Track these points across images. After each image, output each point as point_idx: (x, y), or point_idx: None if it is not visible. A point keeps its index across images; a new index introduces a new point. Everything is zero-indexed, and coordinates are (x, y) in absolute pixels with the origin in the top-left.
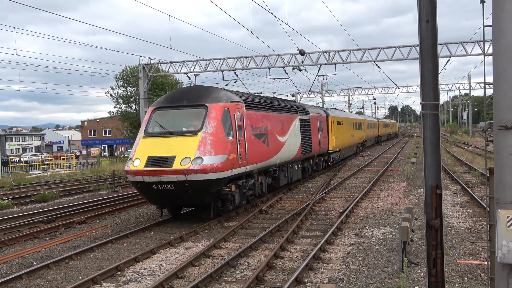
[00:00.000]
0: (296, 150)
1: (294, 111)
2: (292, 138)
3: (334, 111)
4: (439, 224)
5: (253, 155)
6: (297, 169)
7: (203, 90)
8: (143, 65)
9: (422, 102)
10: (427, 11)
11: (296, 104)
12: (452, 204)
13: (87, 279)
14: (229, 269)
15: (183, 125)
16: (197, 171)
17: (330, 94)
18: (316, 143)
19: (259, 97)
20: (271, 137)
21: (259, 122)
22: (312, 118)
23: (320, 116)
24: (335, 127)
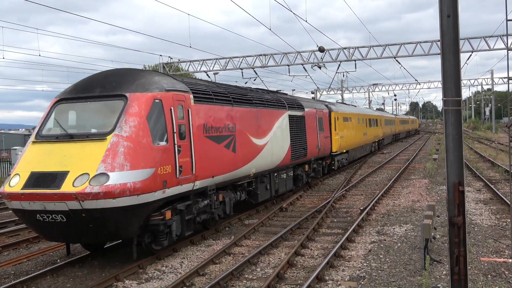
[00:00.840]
0: (283, 155)
1: (280, 106)
2: (277, 140)
3: (340, 105)
4: (462, 221)
5: (206, 165)
6: (286, 178)
7: (125, 74)
8: (163, 64)
9: (444, 98)
10: (449, 6)
11: (284, 96)
12: (475, 201)
13: (110, 277)
14: (249, 266)
15: (91, 124)
16: (97, 195)
17: (350, 91)
18: (314, 145)
19: (221, 86)
20: (240, 140)
21: (219, 119)
22: (308, 114)
23: (320, 111)
24: (340, 124)
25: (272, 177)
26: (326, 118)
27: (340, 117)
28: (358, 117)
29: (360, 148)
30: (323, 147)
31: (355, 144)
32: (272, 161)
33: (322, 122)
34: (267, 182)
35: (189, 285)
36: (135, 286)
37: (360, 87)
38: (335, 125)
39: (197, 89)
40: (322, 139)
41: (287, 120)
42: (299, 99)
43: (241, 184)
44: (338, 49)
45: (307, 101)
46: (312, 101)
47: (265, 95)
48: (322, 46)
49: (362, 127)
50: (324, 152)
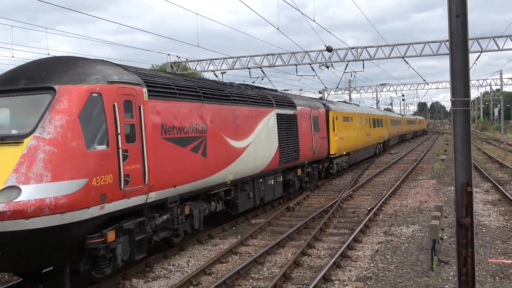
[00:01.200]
0: (270, 159)
1: (266, 103)
2: (262, 141)
3: (339, 104)
4: (470, 222)
5: (166, 173)
6: (273, 184)
7: (58, 63)
8: (170, 63)
9: (452, 99)
10: (458, 5)
11: (272, 93)
12: (483, 202)
13: (117, 275)
14: (256, 266)
15: (12, 124)
16: (3, 214)
17: (357, 91)
18: (307, 147)
19: (190, 80)
20: (213, 142)
21: (184, 118)
22: (301, 113)
23: (316, 110)
24: (339, 124)
25: (256, 183)
26: (323, 118)
27: (340, 116)
28: (361, 116)
29: (362, 150)
30: (319, 149)
31: (357, 146)
32: (255, 166)
33: (318, 122)
34: (250, 189)
35: (195, 284)
36: (142, 284)
37: (368, 87)
38: (333, 125)
39: (154, 82)
40: (318, 140)
41: (275, 120)
42: (290, 97)
43: (216, 193)
44: (346, 49)
45: (300, 98)
46: (307, 98)
47: (248, 91)
48: (330, 46)
49: (365, 128)
50: (320, 155)
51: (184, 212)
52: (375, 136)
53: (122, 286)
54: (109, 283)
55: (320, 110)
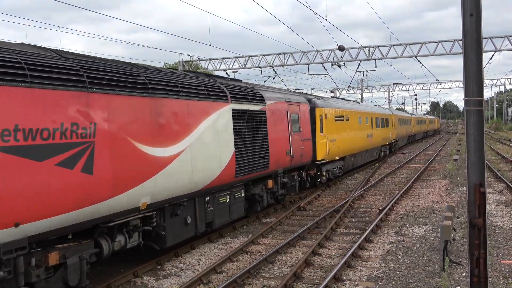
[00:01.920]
0: (219, 169)
1: (213, 96)
2: (206, 146)
3: (330, 100)
4: (483, 223)
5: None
6: (229, 202)
7: None
8: (182, 62)
9: (465, 98)
10: (471, 4)
11: (228, 83)
12: (496, 202)
13: (128, 273)
14: (267, 265)
15: None
16: None
17: (370, 90)
18: (282, 152)
19: (68, 58)
20: (110, 151)
21: (43, 115)
22: (273, 109)
23: (296, 106)
24: (330, 124)
25: (200, 204)
26: (307, 116)
27: (330, 115)
28: (360, 115)
29: (362, 154)
30: (300, 154)
31: (355, 149)
32: (193, 181)
33: (299, 121)
34: (187, 213)
35: (206, 282)
36: (153, 282)
37: (380, 87)
38: (321, 125)
39: None
40: (298, 143)
41: (230, 117)
42: (258, 88)
43: (123, 224)
44: (358, 48)
45: (272, 91)
46: (284, 91)
47: (185, 78)
48: (342, 45)
49: (366, 128)
50: (301, 161)
51: (48, 262)
52: (378, 137)
53: (133, 284)
54: (120, 280)
55: (302, 107)
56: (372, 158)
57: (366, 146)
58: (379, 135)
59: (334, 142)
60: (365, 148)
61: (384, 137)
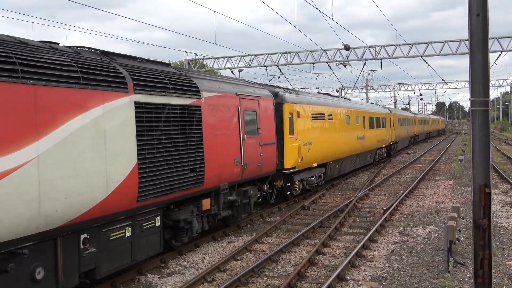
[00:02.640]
0: (105, 191)
1: (98, 81)
2: (75, 157)
3: (305, 95)
4: (487, 224)
5: None
6: (134, 236)
7: None
8: (188, 61)
9: (471, 98)
10: (478, 4)
11: (138, 65)
12: (501, 203)
13: (132, 270)
14: (270, 264)
15: None
16: None
17: (375, 89)
18: (228, 161)
19: None
20: None
21: None
22: (215, 104)
23: (253, 101)
24: (305, 123)
25: (69, 246)
26: (270, 114)
27: (305, 112)
28: (349, 114)
29: (352, 158)
30: (258, 163)
31: (341, 153)
32: (42, 213)
33: (258, 120)
34: (39, 263)
35: (210, 280)
36: (157, 280)
37: (386, 86)
38: (291, 124)
39: None
40: (255, 148)
41: (130, 114)
42: (192, 75)
43: None
44: (364, 48)
45: (217, 80)
46: (236, 81)
47: (25, 49)
48: (348, 44)
49: (356, 129)
50: (259, 171)
51: None
52: (372, 139)
53: (138, 281)
54: (124, 277)
55: (263, 102)
56: (365, 163)
57: (356, 150)
58: (373, 137)
59: (310, 146)
60: (355, 152)
61: (380, 138)
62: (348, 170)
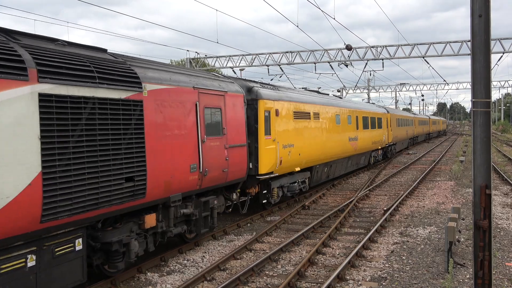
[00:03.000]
0: None
1: None
2: None
3: (285, 91)
4: (488, 225)
5: None
6: (40, 267)
7: None
8: (189, 59)
9: (472, 99)
10: (480, 5)
11: (49, 47)
12: (501, 205)
13: (132, 268)
14: (270, 263)
15: None
16: None
17: (376, 90)
18: (182, 167)
19: None
20: None
21: None
22: (163, 99)
23: (217, 97)
24: (285, 123)
25: None
26: (240, 111)
27: (285, 110)
28: (339, 113)
29: (343, 161)
30: (222, 168)
31: (329, 156)
32: None
33: (224, 119)
34: None
35: (209, 279)
36: (157, 278)
37: (387, 87)
38: (267, 124)
39: None
40: (219, 152)
41: (31, 110)
42: (133, 63)
43: None
44: (366, 48)
45: (168, 69)
46: (195, 72)
47: None
48: (350, 44)
49: (347, 129)
50: (224, 178)
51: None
52: (366, 141)
53: (137, 279)
54: (124, 276)
55: (230, 98)
56: (358, 166)
57: (347, 152)
58: (367, 138)
59: (291, 148)
60: (346, 155)
61: (375, 140)
62: (339, 174)
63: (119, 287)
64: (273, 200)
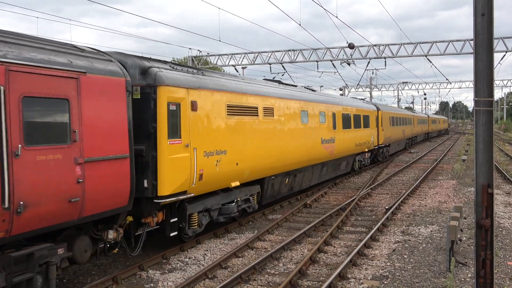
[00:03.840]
0: None
1: None
2: None
3: (218, 78)
4: (490, 224)
5: None
6: None
7: None
8: (192, 57)
9: (475, 98)
10: (483, 4)
11: None
12: (503, 204)
13: (134, 266)
14: (272, 261)
15: None
16: None
17: (379, 88)
18: None
19: None
20: None
21: None
22: None
23: (40, 75)
24: (208, 119)
25: None
26: (117, 103)
27: (211, 103)
28: (305, 108)
29: (314, 169)
30: (66, 197)
31: (288, 164)
32: None
33: (74, 114)
34: None
35: (211, 277)
36: (159, 276)
37: (389, 85)
38: (174, 122)
39: None
40: (58, 170)
41: None
42: None
43: None
44: (368, 46)
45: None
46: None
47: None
48: (352, 43)
49: (319, 129)
50: (72, 212)
51: None
52: (347, 142)
53: (139, 277)
54: (126, 273)
55: (91, 82)
56: (337, 173)
57: (318, 158)
58: (349, 140)
59: (221, 156)
60: (318, 161)
61: (359, 142)
62: (308, 185)
63: (120, 284)
64: (191, 231)
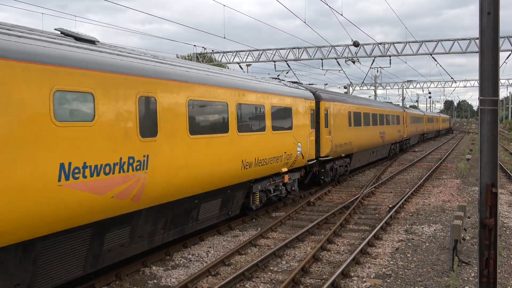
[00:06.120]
0: None
1: None
2: None
3: None
4: (493, 224)
5: None
6: None
7: None
8: (196, 55)
9: (480, 97)
10: (489, 2)
11: None
12: (508, 203)
13: (137, 262)
14: (275, 259)
15: None
16: None
17: (383, 87)
18: None
19: None
20: None
21: None
22: None
23: None
24: None
25: None
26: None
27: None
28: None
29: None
30: None
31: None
32: None
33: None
34: None
35: (214, 274)
36: (162, 272)
37: (394, 84)
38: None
39: None
40: None
41: None
42: None
43: None
44: (373, 44)
45: None
46: None
47: None
48: (357, 41)
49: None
50: None
51: None
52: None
53: (142, 273)
54: (129, 269)
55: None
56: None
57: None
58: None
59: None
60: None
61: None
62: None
63: (124, 281)
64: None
